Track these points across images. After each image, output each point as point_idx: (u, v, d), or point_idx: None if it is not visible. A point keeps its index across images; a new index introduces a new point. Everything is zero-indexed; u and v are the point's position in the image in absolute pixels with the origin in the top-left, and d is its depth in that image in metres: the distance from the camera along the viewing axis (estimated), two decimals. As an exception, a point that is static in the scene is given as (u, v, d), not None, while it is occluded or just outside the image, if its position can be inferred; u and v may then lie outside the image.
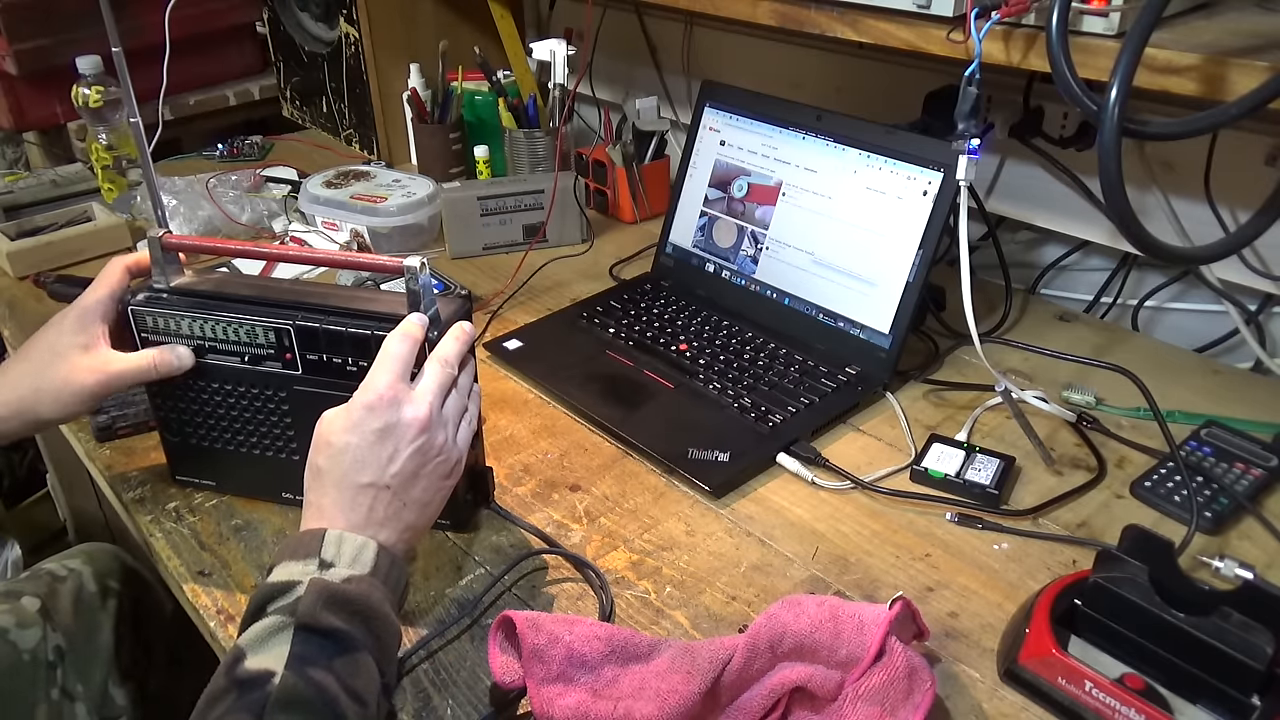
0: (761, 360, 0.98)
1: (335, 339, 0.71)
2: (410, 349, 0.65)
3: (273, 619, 0.55)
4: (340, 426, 0.62)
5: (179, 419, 0.78)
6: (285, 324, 0.72)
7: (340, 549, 0.59)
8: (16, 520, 1.67)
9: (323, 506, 0.61)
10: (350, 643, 0.55)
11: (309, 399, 0.73)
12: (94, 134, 1.33)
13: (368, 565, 0.59)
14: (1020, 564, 0.75)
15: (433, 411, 0.64)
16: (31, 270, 1.21)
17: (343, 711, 0.53)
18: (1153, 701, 0.59)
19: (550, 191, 1.23)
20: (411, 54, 1.42)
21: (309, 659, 0.53)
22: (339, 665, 0.54)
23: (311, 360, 0.73)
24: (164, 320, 0.74)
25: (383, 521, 0.62)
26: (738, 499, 0.83)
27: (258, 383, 0.75)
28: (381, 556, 0.60)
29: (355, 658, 0.55)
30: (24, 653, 0.87)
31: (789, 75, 1.28)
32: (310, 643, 0.54)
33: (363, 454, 0.61)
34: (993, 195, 1.15)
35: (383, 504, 0.62)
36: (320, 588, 0.56)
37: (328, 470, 0.62)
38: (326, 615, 0.55)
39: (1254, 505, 0.79)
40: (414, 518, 0.64)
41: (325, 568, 0.58)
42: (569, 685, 0.61)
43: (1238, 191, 0.95)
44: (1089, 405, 0.92)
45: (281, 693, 0.52)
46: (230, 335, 0.73)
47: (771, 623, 0.61)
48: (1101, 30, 0.74)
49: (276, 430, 0.76)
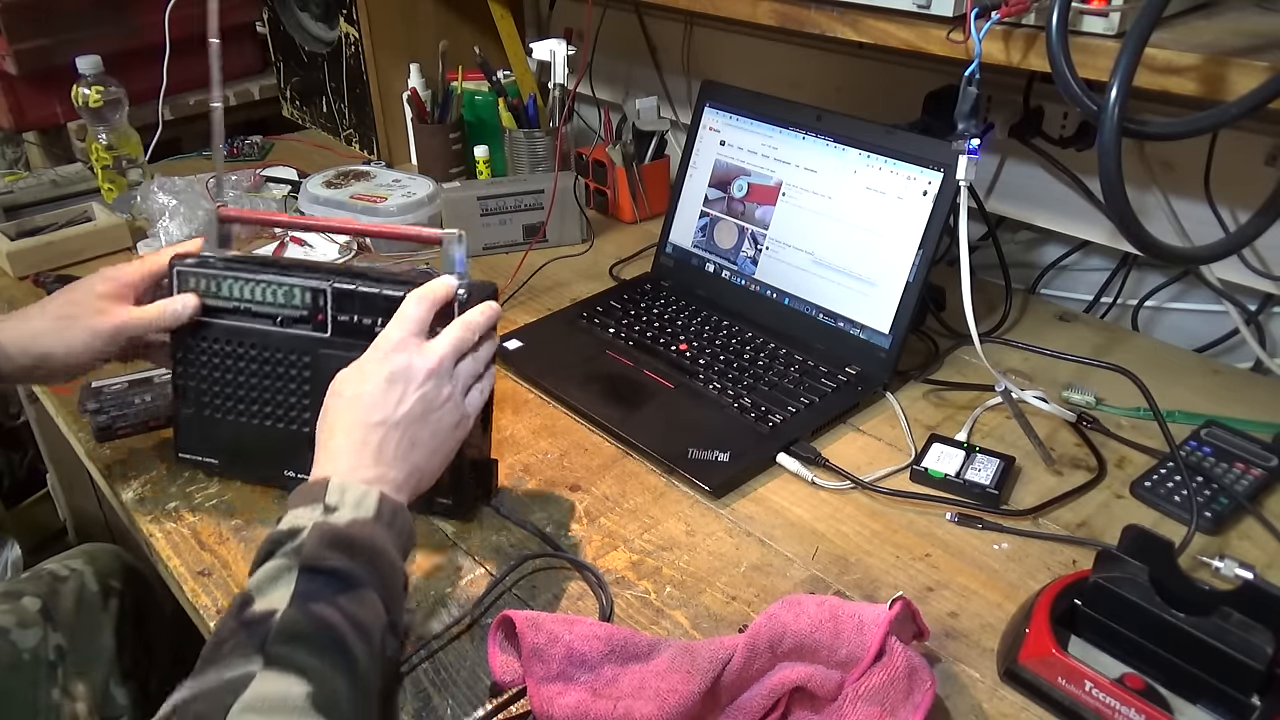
0: (761, 360, 0.98)
1: (369, 300, 0.75)
2: (427, 308, 0.68)
3: (278, 562, 0.57)
4: (352, 378, 0.66)
5: (198, 387, 0.80)
6: (322, 285, 0.76)
7: (344, 495, 0.60)
8: (16, 520, 1.67)
9: (332, 448, 0.63)
10: (354, 580, 0.56)
11: (331, 363, 0.75)
12: (94, 134, 1.33)
13: (370, 510, 0.60)
14: (1020, 564, 0.75)
15: (442, 364, 0.66)
16: (31, 270, 1.21)
17: (346, 642, 0.54)
18: (1153, 701, 0.59)
19: (550, 191, 1.23)
20: (411, 54, 1.42)
21: (312, 596, 0.55)
22: (343, 601, 0.55)
23: (342, 322, 0.76)
24: (205, 282, 0.78)
25: (392, 459, 0.63)
26: (738, 499, 0.83)
27: (284, 346, 0.78)
28: (385, 504, 0.61)
29: (359, 594, 0.56)
30: (24, 652, 0.87)
31: (789, 75, 1.28)
32: (314, 581, 0.55)
33: (373, 398, 0.64)
34: (993, 195, 1.15)
35: (392, 442, 0.64)
36: (324, 530, 0.57)
37: (339, 414, 0.64)
38: (330, 555, 0.56)
39: (1254, 505, 0.79)
40: (422, 459, 0.66)
41: (329, 512, 0.59)
42: (569, 684, 0.61)
43: (1238, 191, 0.95)
44: (1089, 405, 0.92)
45: (283, 625, 0.53)
46: (268, 297, 0.77)
47: (771, 623, 0.61)
48: (1101, 30, 0.74)
49: (293, 399, 0.78)
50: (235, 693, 0.50)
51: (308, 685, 0.51)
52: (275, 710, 0.50)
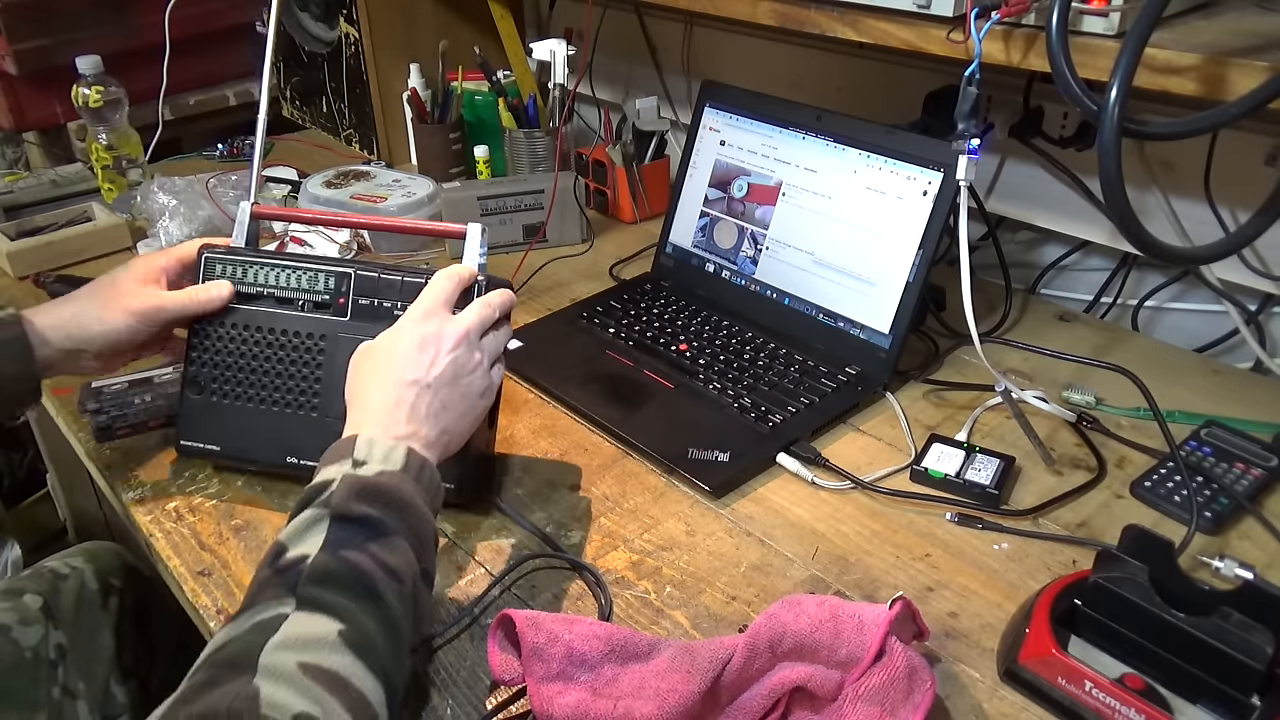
0: (761, 360, 0.98)
1: (389, 285, 0.79)
2: (455, 286, 0.72)
3: (310, 512, 0.59)
4: (385, 339, 0.69)
5: (210, 374, 0.81)
6: (347, 269, 0.80)
7: (372, 449, 0.62)
8: (16, 520, 1.67)
9: (367, 404, 0.66)
10: (383, 528, 0.58)
11: (347, 345, 0.76)
12: (94, 134, 1.33)
13: (399, 464, 0.62)
14: (1020, 564, 0.75)
15: (470, 333, 0.69)
16: (31, 270, 1.21)
17: (375, 584, 0.56)
18: (1153, 701, 0.59)
19: (550, 191, 1.23)
20: (411, 54, 1.42)
21: (344, 543, 0.57)
22: (374, 548, 0.57)
23: (362, 305, 0.79)
24: (231, 268, 0.81)
25: (424, 418, 0.65)
26: (738, 499, 0.83)
27: (304, 329, 0.80)
28: (412, 458, 0.63)
29: (390, 540, 0.58)
30: (25, 650, 0.87)
31: (789, 75, 1.28)
32: (345, 529, 0.57)
33: (408, 357, 0.67)
34: (993, 195, 1.15)
35: (425, 401, 0.66)
36: (353, 481, 0.59)
37: (372, 374, 0.67)
38: (359, 505, 0.58)
39: (1254, 505, 0.79)
40: (452, 421, 0.68)
41: (358, 466, 0.61)
42: (569, 684, 0.61)
43: (1238, 191, 0.95)
44: (1089, 405, 0.92)
45: (315, 568, 0.55)
46: (292, 282, 0.80)
47: (771, 622, 0.61)
48: (1101, 30, 0.74)
49: (304, 384, 0.80)
50: (268, 632, 0.52)
51: (340, 624, 0.53)
52: (308, 647, 0.51)
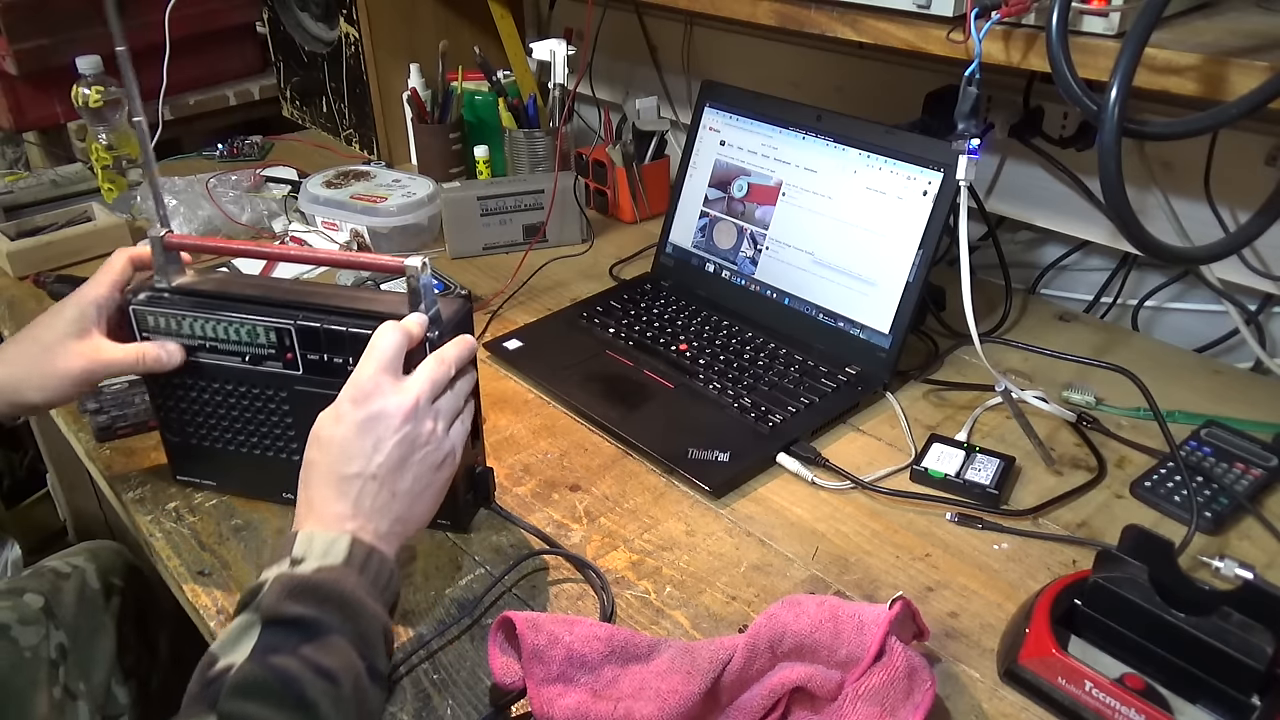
0: (761, 360, 0.98)
1: (336, 339, 0.71)
2: (398, 342, 0.64)
3: (241, 619, 0.56)
4: (328, 421, 0.63)
5: (180, 419, 0.78)
6: (286, 324, 0.72)
7: (311, 545, 0.59)
8: (16, 520, 1.67)
9: (311, 501, 0.62)
10: (319, 628, 0.55)
11: (310, 399, 0.73)
12: (94, 134, 1.33)
13: (340, 556, 0.58)
14: (1020, 564, 0.75)
15: (419, 401, 0.63)
16: (31, 270, 1.21)
17: (304, 691, 0.52)
18: (1153, 701, 0.59)
19: (550, 191, 1.23)
20: (411, 54, 1.42)
21: (273, 648, 0.54)
22: (307, 650, 0.54)
23: (312, 360, 0.73)
24: (165, 320, 0.74)
25: (370, 512, 0.61)
26: (738, 499, 0.83)
27: (259, 383, 0.74)
28: (356, 548, 0.59)
29: (325, 640, 0.55)
30: (26, 650, 0.87)
31: (789, 75, 1.28)
32: (276, 633, 0.54)
33: (348, 445, 0.61)
34: (993, 195, 1.15)
35: (370, 494, 0.61)
36: (286, 580, 0.56)
37: (317, 464, 0.62)
38: (292, 605, 0.55)
39: (1254, 505, 0.79)
40: (404, 509, 0.63)
41: (295, 564, 0.58)
42: (569, 685, 0.61)
43: (1238, 191, 0.95)
44: (1089, 405, 0.92)
45: (236, 680, 0.53)
46: (231, 335, 0.73)
47: (771, 623, 0.61)
48: (1101, 30, 0.74)
49: (277, 430, 0.76)
50: None
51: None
52: None
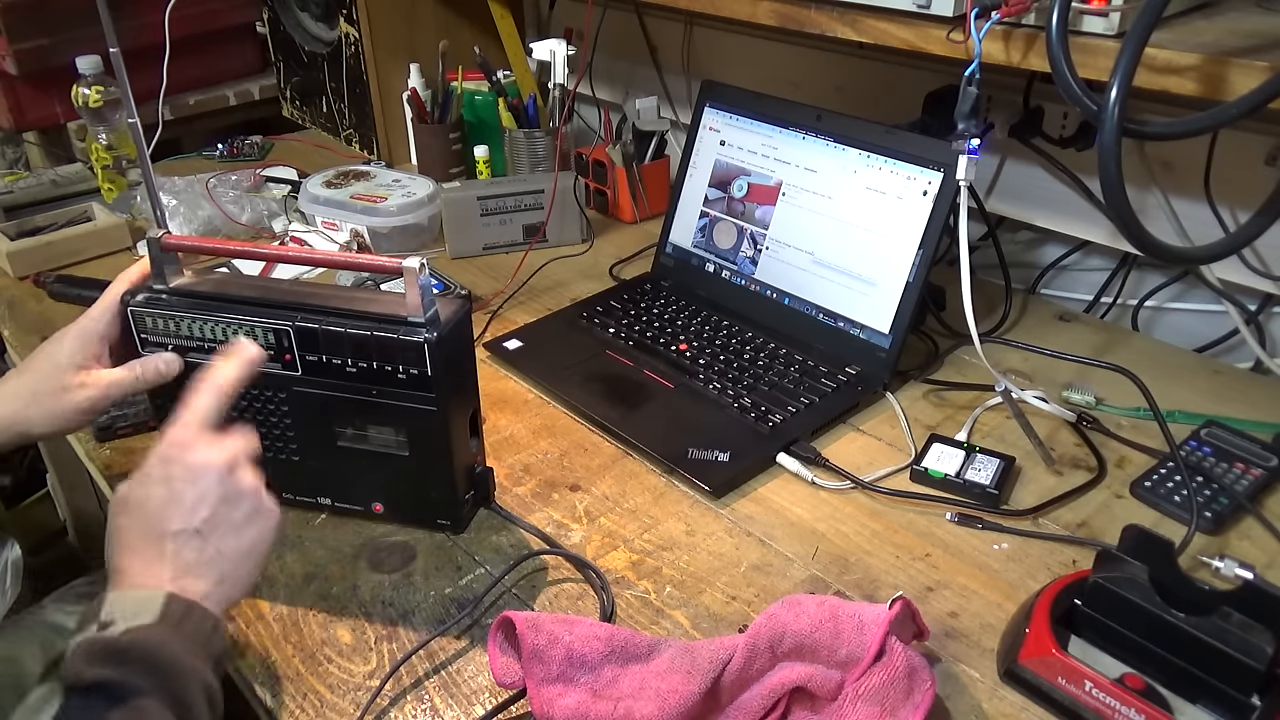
0: (761, 360, 0.98)
1: (334, 340, 0.71)
2: (215, 399, 0.62)
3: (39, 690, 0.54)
4: (135, 484, 0.59)
5: None
6: (284, 325, 0.71)
7: (121, 606, 0.55)
8: (16, 520, 1.67)
9: (121, 570, 0.57)
10: (125, 691, 0.51)
11: (308, 400, 0.73)
12: (94, 134, 1.33)
13: (153, 615, 0.54)
14: (1020, 564, 0.75)
15: (238, 456, 0.61)
16: (31, 270, 1.21)
17: None
18: (1153, 701, 0.59)
19: (550, 191, 1.23)
20: (411, 54, 1.42)
21: (75, 717, 0.51)
22: (114, 715, 0.51)
23: (311, 361, 0.72)
24: (163, 321, 0.73)
25: (193, 567, 0.57)
26: (738, 499, 0.83)
27: (257, 384, 0.74)
28: (173, 604, 0.55)
29: (135, 704, 0.51)
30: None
31: (789, 75, 1.28)
32: (78, 701, 0.51)
33: (166, 503, 0.58)
34: (993, 195, 1.15)
35: (194, 549, 0.58)
36: (87, 645, 0.53)
37: (127, 529, 0.58)
38: (94, 669, 0.52)
39: (1254, 505, 0.79)
40: (231, 567, 0.59)
41: (104, 628, 0.54)
42: (569, 685, 0.61)
43: (1238, 191, 0.95)
44: (1089, 405, 0.92)
45: None
46: (229, 336, 0.73)
47: (771, 623, 0.61)
48: (1101, 30, 0.74)
49: (276, 431, 0.76)
50: None
51: None
52: None
